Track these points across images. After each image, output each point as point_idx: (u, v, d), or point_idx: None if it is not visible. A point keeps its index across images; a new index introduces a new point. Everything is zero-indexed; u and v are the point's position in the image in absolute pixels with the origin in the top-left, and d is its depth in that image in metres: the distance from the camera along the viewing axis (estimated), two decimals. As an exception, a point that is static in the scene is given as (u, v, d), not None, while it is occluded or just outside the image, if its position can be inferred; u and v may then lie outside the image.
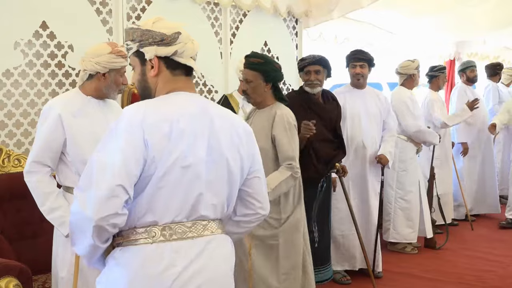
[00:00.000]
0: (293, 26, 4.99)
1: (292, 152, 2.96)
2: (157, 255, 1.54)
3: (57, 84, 3.33)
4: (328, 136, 3.77)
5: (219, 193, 1.66)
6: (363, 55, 4.18)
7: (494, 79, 6.59)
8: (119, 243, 1.58)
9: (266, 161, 2.92)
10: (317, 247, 3.72)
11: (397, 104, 4.73)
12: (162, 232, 1.56)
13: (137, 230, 1.56)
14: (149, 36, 1.64)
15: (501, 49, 7.99)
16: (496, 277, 4.20)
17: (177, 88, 1.67)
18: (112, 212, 1.47)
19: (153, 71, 1.66)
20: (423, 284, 4.08)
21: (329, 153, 3.73)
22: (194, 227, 1.60)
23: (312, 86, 3.71)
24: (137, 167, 1.51)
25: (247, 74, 2.98)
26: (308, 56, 3.80)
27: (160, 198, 1.55)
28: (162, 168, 1.53)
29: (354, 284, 4.07)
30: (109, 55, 2.54)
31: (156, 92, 1.69)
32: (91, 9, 3.42)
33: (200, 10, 4.10)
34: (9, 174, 2.92)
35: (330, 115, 3.82)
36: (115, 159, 1.49)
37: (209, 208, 1.63)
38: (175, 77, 1.68)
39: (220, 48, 4.27)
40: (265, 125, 2.98)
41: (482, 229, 5.64)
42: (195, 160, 1.58)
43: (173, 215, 1.57)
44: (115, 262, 1.57)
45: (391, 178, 4.74)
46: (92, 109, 2.55)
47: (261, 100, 3.03)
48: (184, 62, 1.67)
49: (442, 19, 5.78)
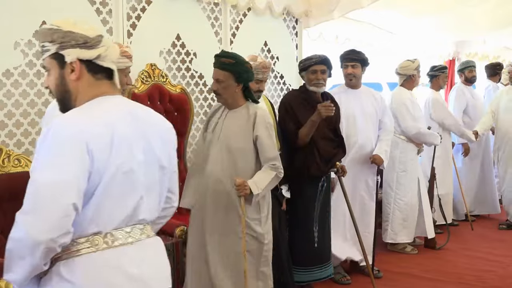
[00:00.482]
0: (293, 26, 4.98)
1: (275, 152, 2.98)
2: (102, 263, 1.52)
3: (57, 84, 3.32)
4: (330, 135, 3.79)
5: (154, 194, 1.67)
6: (355, 55, 4.18)
7: (494, 79, 6.59)
8: (58, 257, 1.51)
9: (249, 161, 2.94)
10: (316, 247, 3.73)
11: (397, 105, 4.73)
12: (104, 240, 1.53)
13: (78, 240, 1.51)
14: (72, 38, 1.56)
15: (501, 49, 7.99)
16: (496, 277, 4.20)
17: (103, 93, 1.62)
18: (64, 231, 1.43)
19: (74, 75, 1.58)
20: (423, 284, 4.08)
21: (330, 152, 3.75)
22: (132, 231, 1.59)
23: (319, 85, 3.73)
24: (85, 181, 1.46)
25: (218, 74, 2.94)
26: (313, 55, 3.80)
27: (105, 208, 1.51)
28: (106, 177, 1.49)
29: (354, 284, 4.08)
30: None
31: (77, 97, 1.61)
32: (91, 9, 3.42)
33: (200, 10, 4.10)
34: (9, 174, 2.92)
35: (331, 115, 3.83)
36: (63, 176, 1.42)
37: (147, 212, 1.63)
38: (98, 81, 1.62)
39: (220, 48, 4.27)
40: (243, 126, 2.96)
41: (482, 229, 5.64)
42: (135, 164, 1.57)
43: (117, 223, 1.55)
44: (59, 278, 1.50)
45: (391, 179, 4.75)
46: None
47: (232, 100, 3.00)
48: (107, 66, 1.62)
49: (442, 19, 5.77)
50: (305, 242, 3.73)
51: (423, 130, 4.75)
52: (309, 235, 3.73)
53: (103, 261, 1.52)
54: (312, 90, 3.75)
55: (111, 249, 1.54)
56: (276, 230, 3.46)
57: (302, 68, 3.80)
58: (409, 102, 4.73)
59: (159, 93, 3.67)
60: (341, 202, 3.95)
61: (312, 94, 3.77)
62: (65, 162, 1.43)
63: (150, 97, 3.58)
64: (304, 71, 3.78)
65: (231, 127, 2.97)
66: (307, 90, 3.80)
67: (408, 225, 4.75)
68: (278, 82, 4.88)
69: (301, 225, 3.74)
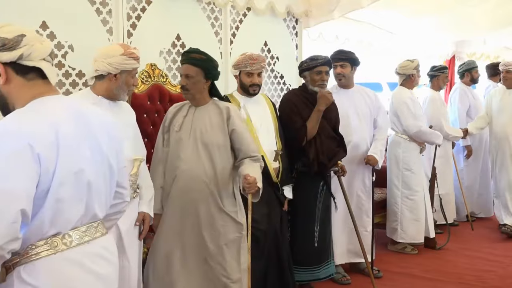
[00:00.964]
0: (293, 26, 4.98)
1: (254, 144, 3.00)
2: (64, 264, 1.54)
3: (57, 84, 3.32)
4: (332, 133, 3.80)
5: (105, 192, 1.69)
6: (343, 55, 4.19)
7: (495, 79, 6.58)
8: (16, 262, 1.50)
9: (226, 157, 2.95)
10: (316, 246, 3.74)
11: (397, 104, 4.73)
12: (63, 241, 1.55)
13: (37, 244, 1.51)
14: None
15: (501, 49, 7.99)
16: (496, 277, 4.20)
17: (41, 93, 1.60)
18: (12, 237, 1.41)
19: (1, 79, 1.57)
20: (423, 284, 4.08)
21: (333, 149, 3.76)
22: (88, 230, 1.62)
23: (324, 86, 3.77)
24: (34, 185, 1.44)
25: (188, 69, 2.94)
26: (318, 56, 3.81)
27: (62, 210, 1.52)
28: (57, 179, 1.49)
29: (354, 284, 4.08)
30: (122, 56, 2.60)
31: (14, 101, 1.59)
32: (91, 9, 3.42)
33: (200, 10, 4.10)
34: (9, 174, 2.92)
35: (331, 114, 3.85)
36: (10, 184, 1.40)
37: (98, 209, 1.66)
38: (31, 81, 1.59)
39: (220, 48, 4.27)
40: (217, 121, 2.96)
41: (482, 229, 5.64)
42: (84, 164, 1.58)
43: (73, 223, 1.57)
44: (21, 282, 1.50)
45: (396, 178, 4.74)
46: (104, 110, 2.57)
47: (199, 96, 3.00)
48: (33, 65, 1.58)
49: (442, 19, 5.78)
50: (306, 242, 3.74)
51: (424, 129, 4.75)
52: (310, 234, 3.74)
53: (64, 261, 1.54)
54: (314, 90, 3.76)
55: (70, 249, 1.55)
56: (277, 230, 3.47)
57: (306, 68, 3.80)
58: (409, 100, 4.73)
59: (159, 93, 3.67)
60: (339, 202, 3.96)
61: (313, 94, 3.77)
62: (10, 168, 1.42)
63: (150, 97, 3.58)
64: (308, 71, 3.78)
65: (204, 123, 2.96)
66: (308, 90, 3.80)
67: (419, 226, 4.73)
68: (278, 82, 4.88)
69: (302, 224, 3.75)
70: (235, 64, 3.48)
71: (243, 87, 3.47)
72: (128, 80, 2.64)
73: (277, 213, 3.48)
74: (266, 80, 4.78)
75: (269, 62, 4.78)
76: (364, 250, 3.92)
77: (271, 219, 3.42)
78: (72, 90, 3.37)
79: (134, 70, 2.66)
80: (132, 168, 2.66)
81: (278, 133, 3.58)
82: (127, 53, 2.61)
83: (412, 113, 4.71)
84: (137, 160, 2.69)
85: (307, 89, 3.81)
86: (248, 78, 3.43)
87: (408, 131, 4.72)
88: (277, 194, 3.46)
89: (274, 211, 3.46)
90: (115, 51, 2.61)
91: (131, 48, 2.67)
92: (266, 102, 3.63)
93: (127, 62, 2.60)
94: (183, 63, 2.99)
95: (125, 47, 2.65)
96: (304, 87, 3.86)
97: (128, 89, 2.68)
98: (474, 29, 6.42)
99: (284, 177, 3.51)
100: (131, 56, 2.61)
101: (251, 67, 3.41)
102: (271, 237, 3.41)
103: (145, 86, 3.58)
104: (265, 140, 3.44)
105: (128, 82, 2.64)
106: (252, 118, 3.43)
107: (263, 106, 3.58)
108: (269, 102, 3.67)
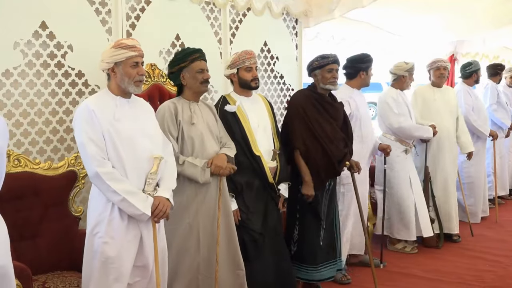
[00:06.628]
0: (293, 26, 4.98)
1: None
2: None
3: (57, 84, 3.33)
4: (341, 135, 3.82)
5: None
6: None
7: (495, 79, 6.59)
8: None
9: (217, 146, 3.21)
10: (321, 245, 3.76)
11: (380, 103, 4.89)
12: None
13: None
14: None
15: (501, 49, 7.99)
16: (496, 277, 4.20)
17: None
18: None
19: None
20: (423, 284, 4.08)
21: (342, 151, 3.78)
22: None
23: (335, 84, 3.80)
24: None
25: (205, 65, 3.15)
26: (328, 54, 3.82)
27: None
28: None
29: (354, 284, 4.08)
30: (110, 49, 2.62)
31: None
32: (91, 9, 3.42)
33: (199, 10, 4.10)
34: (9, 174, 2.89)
35: (340, 114, 3.86)
36: None
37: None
38: None
39: (220, 48, 4.27)
40: (212, 116, 3.26)
41: (482, 229, 5.63)
42: None
43: None
44: None
45: (379, 176, 4.78)
46: (122, 109, 2.62)
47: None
48: None
49: (441, 18, 5.77)
50: (312, 240, 3.75)
51: (404, 124, 4.71)
52: (316, 233, 3.75)
53: None
54: (324, 89, 3.77)
55: None
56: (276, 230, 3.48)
57: (317, 66, 3.78)
58: (391, 100, 4.74)
59: (159, 93, 3.67)
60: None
61: (322, 94, 3.79)
62: None
63: (150, 97, 3.58)
64: (319, 69, 3.77)
65: (208, 118, 3.20)
66: (317, 90, 3.80)
67: (406, 224, 4.73)
68: (278, 82, 4.88)
69: (309, 223, 3.75)
70: (231, 63, 3.46)
71: (245, 84, 3.45)
72: (126, 70, 2.60)
73: (274, 214, 3.49)
74: (266, 80, 4.78)
75: (269, 62, 4.78)
76: (370, 245, 3.98)
77: (268, 219, 3.43)
78: (71, 90, 3.37)
79: (129, 59, 2.60)
80: (152, 166, 2.62)
81: (276, 132, 3.59)
82: (115, 44, 2.61)
83: (393, 112, 4.71)
84: (157, 159, 2.63)
85: (316, 89, 3.81)
86: (248, 73, 3.43)
87: (391, 129, 4.75)
88: (273, 195, 3.46)
89: (271, 211, 3.47)
90: (107, 47, 2.67)
91: (124, 39, 2.67)
92: (263, 102, 3.63)
93: (117, 53, 2.58)
94: (199, 59, 3.11)
95: (117, 40, 2.68)
96: (313, 86, 3.85)
97: (133, 80, 2.62)
98: (474, 28, 6.42)
99: (282, 176, 3.52)
100: (120, 46, 2.59)
101: (249, 61, 3.44)
102: (269, 238, 3.43)
103: (145, 86, 3.58)
104: (262, 140, 3.44)
105: (127, 73, 2.60)
106: (249, 117, 3.43)
107: (260, 106, 3.57)
108: (266, 102, 3.66)
